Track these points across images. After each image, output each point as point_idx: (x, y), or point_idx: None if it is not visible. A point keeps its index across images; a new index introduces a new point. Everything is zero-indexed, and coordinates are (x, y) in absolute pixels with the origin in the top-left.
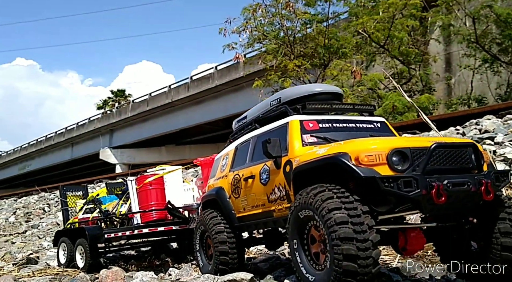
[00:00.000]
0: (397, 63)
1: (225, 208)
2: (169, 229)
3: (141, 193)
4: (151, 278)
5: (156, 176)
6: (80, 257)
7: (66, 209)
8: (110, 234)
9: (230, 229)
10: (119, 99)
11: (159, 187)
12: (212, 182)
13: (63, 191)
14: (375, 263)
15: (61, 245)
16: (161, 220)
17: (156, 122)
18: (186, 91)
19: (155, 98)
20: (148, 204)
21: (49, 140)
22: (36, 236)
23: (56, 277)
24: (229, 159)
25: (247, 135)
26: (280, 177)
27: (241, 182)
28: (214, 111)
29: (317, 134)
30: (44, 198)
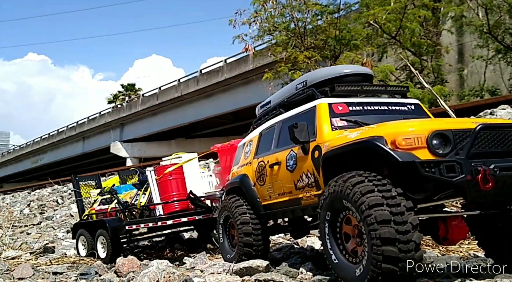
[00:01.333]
0: (409, 54)
1: (250, 196)
2: (192, 220)
3: (161, 184)
4: (166, 266)
5: (175, 166)
6: (102, 248)
7: (80, 199)
8: (131, 226)
9: (255, 219)
10: (129, 93)
11: (179, 177)
12: (236, 169)
13: (75, 181)
14: (418, 267)
15: (80, 238)
16: (183, 211)
17: (166, 116)
18: (195, 85)
19: (164, 92)
20: (169, 195)
21: (60, 134)
22: (50, 227)
23: (73, 265)
24: (253, 146)
25: (271, 121)
26: (308, 163)
27: (266, 169)
28: (224, 105)
29: (347, 117)
30: (57, 190)
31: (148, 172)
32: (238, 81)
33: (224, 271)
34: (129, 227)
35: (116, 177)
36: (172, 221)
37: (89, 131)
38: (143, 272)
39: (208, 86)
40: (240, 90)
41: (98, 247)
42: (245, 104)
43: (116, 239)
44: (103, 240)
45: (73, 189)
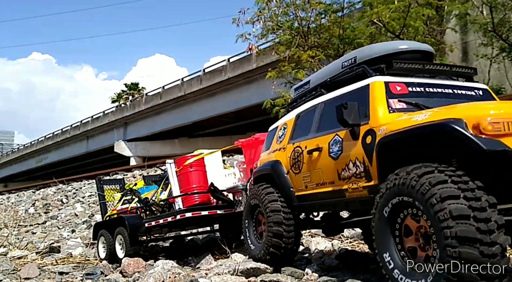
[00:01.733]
0: None
1: (282, 184)
2: (213, 214)
3: (181, 176)
4: (171, 266)
5: (196, 157)
6: (120, 247)
7: (104, 202)
8: (150, 222)
9: (287, 209)
10: (132, 93)
11: (200, 169)
12: (266, 156)
13: (100, 184)
14: (502, 277)
15: (101, 239)
16: (204, 204)
17: (169, 115)
18: (198, 84)
19: (168, 91)
20: (189, 187)
21: (64, 133)
22: (55, 227)
23: (78, 265)
24: (288, 129)
25: (311, 102)
26: (357, 150)
27: (303, 156)
28: (227, 104)
29: (407, 99)
30: (61, 190)
31: (168, 164)
32: (241, 80)
33: (230, 272)
34: (148, 224)
35: (141, 181)
36: (192, 213)
37: (93, 130)
38: (148, 272)
39: (211, 85)
40: (243, 89)
41: (117, 246)
42: (248, 103)
43: (134, 237)
44: (122, 239)
45: (97, 192)
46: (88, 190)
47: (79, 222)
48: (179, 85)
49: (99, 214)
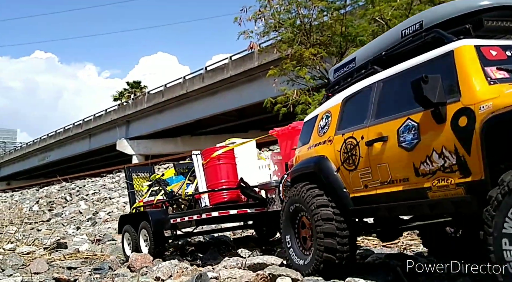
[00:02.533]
0: None
1: (332, 185)
2: (243, 213)
3: (208, 170)
4: (179, 261)
5: (225, 148)
6: (145, 244)
7: (132, 192)
8: (176, 219)
9: (340, 215)
10: (134, 91)
11: (229, 162)
12: (305, 151)
13: (128, 172)
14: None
15: (125, 235)
16: (233, 202)
17: (171, 113)
18: (201, 82)
19: (170, 89)
20: (217, 182)
21: (67, 131)
22: (60, 224)
23: (86, 260)
24: (333, 118)
25: (361, 83)
26: (444, 136)
27: (359, 148)
28: (229, 102)
29: (506, 66)
30: (65, 187)
31: (193, 155)
32: (243, 78)
33: (237, 266)
34: (173, 220)
35: (172, 170)
36: (218, 213)
37: (95, 128)
38: (156, 267)
39: (213, 83)
40: (245, 87)
41: (141, 242)
42: (250, 101)
43: (159, 234)
44: (146, 234)
45: (126, 181)
46: (91, 188)
47: (84, 219)
48: (181, 83)
49: (103, 212)
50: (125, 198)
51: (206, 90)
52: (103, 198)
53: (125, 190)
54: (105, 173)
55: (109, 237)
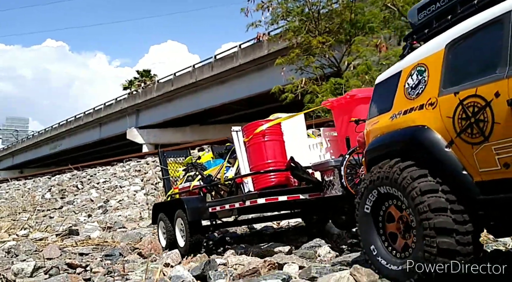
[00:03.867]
0: None
1: (443, 165)
2: (294, 199)
3: (251, 148)
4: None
5: (270, 123)
6: (181, 235)
7: (167, 178)
8: (214, 207)
9: (458, 203)
10: (144, 80)
11: (276, 139)
12: (384, 123)
13: (163, 157)
14: None
15: (160, 224)
16: (282, 186)
17: (180, 102)
18: (210, 71)
19: (179, 78)
20: (262, 163)
21: (78, 120)
22: (72, 211)
23: (97, 247)
24: (433, 72)
25: (478, 18)
26: None
27: (491, 111)
28: (238, 91)
29: None
30: (76, 176)
31: (233, 132)
32: (252, 67)
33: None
34: (212, 208)
35: (210, 154)
36: (265, 199)
37: (106, 117)
38: (165, 254)
39: (223, 72)
40: (255, 76)
41: (177, 233)
42: (260, 90)
43: (196, 224)
44: (182, 224)
45: (160, 166)
46: (102, 176)
47: (95, 207)
48: (190, 72)
49: (114, 200)
50: (135, 187)
51: (215, 78)
52: (114, 187)
53: (135, 179)
54: (115, 161)
55: (119, 224)
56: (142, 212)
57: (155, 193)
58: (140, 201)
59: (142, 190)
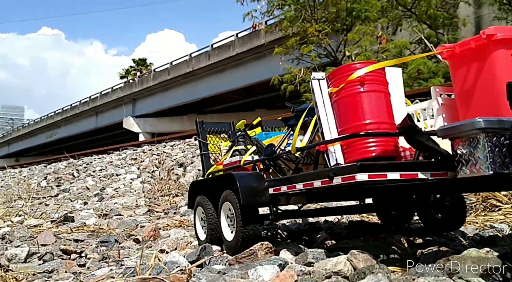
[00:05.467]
0: (424, 27)
1: None
2: (411, 178)
3: (342, 102)
4: (184, 235)
5: (373, 65)
6: (229, 224)
7: (206, 154)
8: (279, 187)
9: None
10: (140, 68)
11: (380, 89)
12: None
13: (201, 129)
14: None
15: (198, 210)
16: (389, 158)
17: (177, 91)
18: (207, 60)
19: (176, 67)
20: (358, 123)
21: (74, 109)
22: (68, 199)
23: (93, 233)
24: None
25: None
26: None
27: None
28: (236, 80)
29: None
30: (72, 164)
31: (313, 80)
32: (250, 56)
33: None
34: (275, 189)
35: (258, 129)
36: (368, 175)
37: (102, 106)
38: (162, 240)
39: (220, 61)
40: (252, 65)
41: (222, 221)
42: (258, 79)
43: (251, 209)
44: (231, 209)
45: (198, 139)
46: (98, 164)
47: (91, 195)
48: (187, 60)
49: (110, 188)
50: (132, 175)
51: (213, 68)
52: (110, 175)
53: (131, 167)
54: (112, 150)
55: (115, 212)
56: (138, 200)
57: (151, 181)
58: (137, 189)
59: (139, 178)
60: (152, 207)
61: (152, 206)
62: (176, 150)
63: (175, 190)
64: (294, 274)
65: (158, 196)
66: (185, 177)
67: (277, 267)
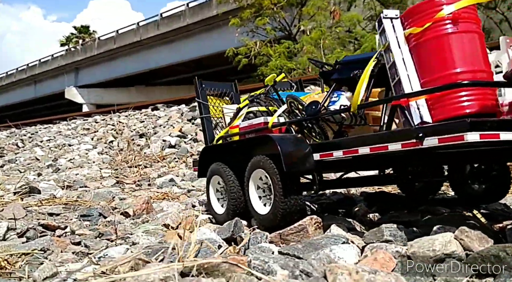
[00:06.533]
0: (377, 4)
1: None
2: None
3: (425, 46)
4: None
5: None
6: (260, 193)
7: (208, 117)
8: (330, 152)
9: None
10: (83, 36)
11: (473, 30)
12: None
13: (200, 88)
14: None
15: (213, 180)
16: (487, 115)
17: (124, 61)
18: (156, 29)
19: (122, 35)
20: (448, 72)
21: (10, 77)
22: (16, 170)
23: (67, 206)
24: None
25: None
26: None
27: None
28: (186, 52)
29: None
30: (15, 134)
31: (385, 19)
32: (201, 27)
33: None
34: (323, 154)
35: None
36: (479, 135)
37: (41, 74)
38: (161, 214)
39: (170, 31)
40: (203, 36)
41: (251, 192)
42: (209, 51)
43: (294, 178)
44: (262, 178)
45: (197, 101)
46: (45, 134)
47: (43, 166)
48: (134, 29)
49: (64, 158)
50: (86, 146)
51: (162, 38)
52: (62, 145)
53: (84, 137)
54: (58, 120)
55: (80, 183)
56: (102, 171)
57: (110, 152)
58: (96, 160)
59: (95, 149)
60: (121, 178)
61: (120, 178)
62: (133, 120)
63: (142, 161)
64: (391, 257)
65: (124, 168)
66: (150, 148)
67: (355, 247)
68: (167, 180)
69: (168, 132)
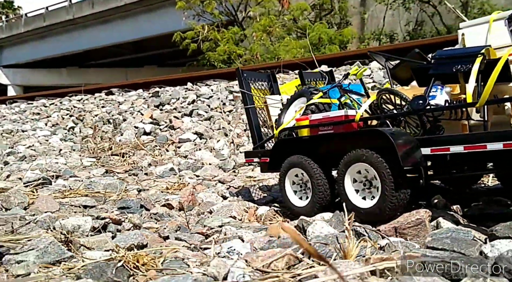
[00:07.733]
0: None
1: None
2: None
3: None
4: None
5: None
6: (358, 187)
7: (253, 108)
8: (446, 146)
9: None
10: (6, 11)
11: None
12: None
13: (243, 78)
14: None
15: (290, 172)
16: None
17: (55, 41)
18: (90, 8)
19: (53, 13)
20: None
21: None
22: None
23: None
24: None
25: None
26: None
27: None
28: (123, 33)
29: None
30: None
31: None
32: (140, 7)
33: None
34: (434, 149)
35: (296, 80)
36: None
37: None
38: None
39: (106, 11)
40: (142, 18)
41: (347, 185)
42: (149, 34)
43: (403, 171)
44: (361, 172)
45: (241, 90)
46: None
47: (2, 153)
48: (66, 7)
49: (22, 146)
50: (43, 131)
51: (97, 17)
52: (12, 131)
53: (38, 123)
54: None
55: (69, 173)
56: (83, 160)
57: (74, 139)
58: (62, 148)
59: (55, 135)
60: (109, 168)
61: (107, 167)
62: (89, 105)
63: (122, 149)
64: None
65: (106, 156)
66: (123, 135)
67: None
68: (167, 169)
69: (138, 119)
